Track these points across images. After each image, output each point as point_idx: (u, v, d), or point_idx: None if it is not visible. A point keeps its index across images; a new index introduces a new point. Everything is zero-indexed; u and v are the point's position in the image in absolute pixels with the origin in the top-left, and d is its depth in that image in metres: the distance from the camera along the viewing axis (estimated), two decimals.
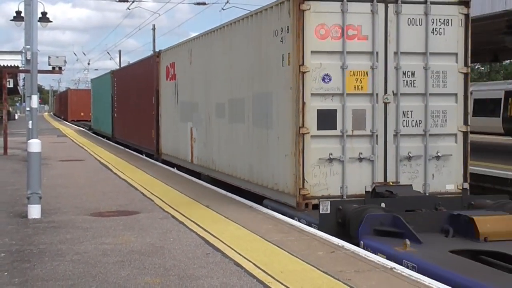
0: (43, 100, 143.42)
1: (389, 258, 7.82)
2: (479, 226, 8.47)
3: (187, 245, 8.45)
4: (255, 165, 12.36)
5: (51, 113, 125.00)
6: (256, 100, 12.32)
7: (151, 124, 22.42)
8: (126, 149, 26.52)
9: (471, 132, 11.50)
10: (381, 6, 10.72)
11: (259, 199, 11.99)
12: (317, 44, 10.48)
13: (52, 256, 7.87)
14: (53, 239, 8.86)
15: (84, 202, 12.19)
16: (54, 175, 16.77)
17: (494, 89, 36.31)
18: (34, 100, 11.37)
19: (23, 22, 24.26)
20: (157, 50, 24.36)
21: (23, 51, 23.22)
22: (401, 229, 8.61)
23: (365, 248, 8.52)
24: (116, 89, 31.99)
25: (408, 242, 8.07)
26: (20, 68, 25.45)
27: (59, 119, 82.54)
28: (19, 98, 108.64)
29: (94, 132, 41.77)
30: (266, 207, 11.34)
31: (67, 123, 65.09)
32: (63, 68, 22.25)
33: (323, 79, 10.53)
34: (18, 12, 25.92)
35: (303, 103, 10.44)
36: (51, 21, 26.42)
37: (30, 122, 12.90)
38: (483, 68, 70.01)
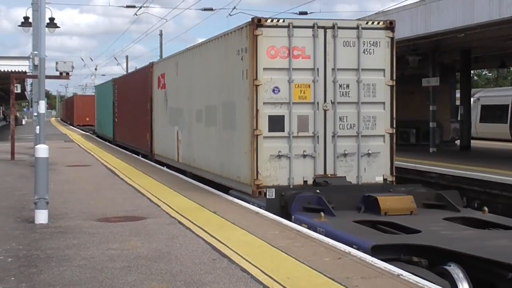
0: (50, 105, 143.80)
1: (309, 227, 10.24)
2: (381, 203, 10.81)
3: (193, 250, 8.45)
4: (224, 161, 14.65)
5: (59, 118, 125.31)
6: (225, 107, 14.61)
7: (146, 128, 24.67)
8: (133, 155, 26.58)
9: (478, 138, 12.46)
10: (321, 31, 12.92)
11: (227, 190, 14.13)
12: (268, 62, 12.70)
13: (59, 261, 7.88)
14: (60, 244, 8.88)
15: (91, 208, 12.21)
16: (61, 180, 16.81)
17: (501, 95, 36.27)
18: (42, 106, 11.40)
19: (31, 28, 24.36)
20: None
21: (31, 57, 23.34)
22: (322, 206, 10.95)
23: (295, 221, 10.84)
24: (117, 96, 34.16)
25: (323, 214, 10.45)
26: (28, 74, 25.57)
27: (65, 124, 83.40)
28: (27, 104, 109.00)
29: (98, 136, 43.73)
30: (231, 195, 13.48)
31: (73, 127, 66.45)
32: (70, 73, 22.28)
33: (273, 90, 12.74)
34: (26, 18, 26.00)
35: (257, 110, 12.67)
36: (58, 27, 26.50)
37: (38, 127, 12.92)
38: (490, 74, 69.88)
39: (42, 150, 10.79)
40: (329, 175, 12.93)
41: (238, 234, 9.58)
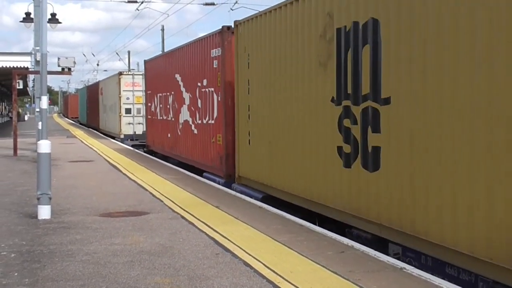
0: (52, 101, 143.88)
1: (126, 144, 31.58)
2: None
3: (196, 245, 8.46)
4: (114, 126, 37.28)
5: (61, 114, 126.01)
6: (114, 104, 37.16)
7: (98, 115, 47.44)
8: (135, 150, 26.79)
9: None
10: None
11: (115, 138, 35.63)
12: (125, 88, 35.11)
13: (62, 257, 7.89)
14: (63, 240, 8.89)
15: (93, 203, 12.23)
16: (64, 176, 16.83)
17: None
18: (44, 101, 11.40)
19: (33, 24, 24.36)
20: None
21: (33, 52, 23.31)
22: (133, 138, 33.93)
23: (124, 143, 32.44)
24: (88, 97, 57.80)
25: (130, 140, 33.41)
26: (30, 69, 25.55)
27: (63, 117, 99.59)
28: (29, 99, 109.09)
29: (80, 123, 66.15)
30: (114, 139, 34.93)
31: (67, 119, 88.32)
32: (72, 69, 22.34)
33: (127, 98, 34.98)
34: (28, 14, 26.02)
35: (121, 106, 35.15)
36: (60, 22, 26.53)
37: (40, 123, 12.93)
38: None
39: (44, 146, 10.80)
40: None
41: (241, 228, 9.58)
